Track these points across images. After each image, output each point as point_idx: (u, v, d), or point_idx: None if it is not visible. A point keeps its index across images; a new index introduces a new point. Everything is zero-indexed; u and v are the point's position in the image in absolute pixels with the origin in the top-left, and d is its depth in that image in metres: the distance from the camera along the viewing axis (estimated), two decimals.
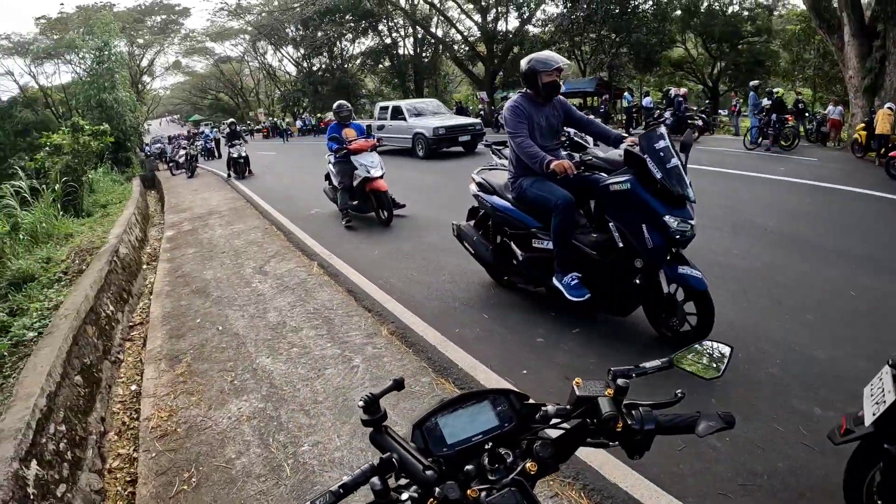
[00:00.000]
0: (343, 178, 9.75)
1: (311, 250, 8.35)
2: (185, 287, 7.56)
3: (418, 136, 19.41)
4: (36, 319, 6.10)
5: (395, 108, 21.54)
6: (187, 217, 13.09)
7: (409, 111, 20.79)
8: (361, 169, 9.35)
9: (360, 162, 9.38)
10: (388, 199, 9.33)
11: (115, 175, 21.33)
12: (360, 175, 9.40)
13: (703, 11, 34.91)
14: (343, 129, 9.98)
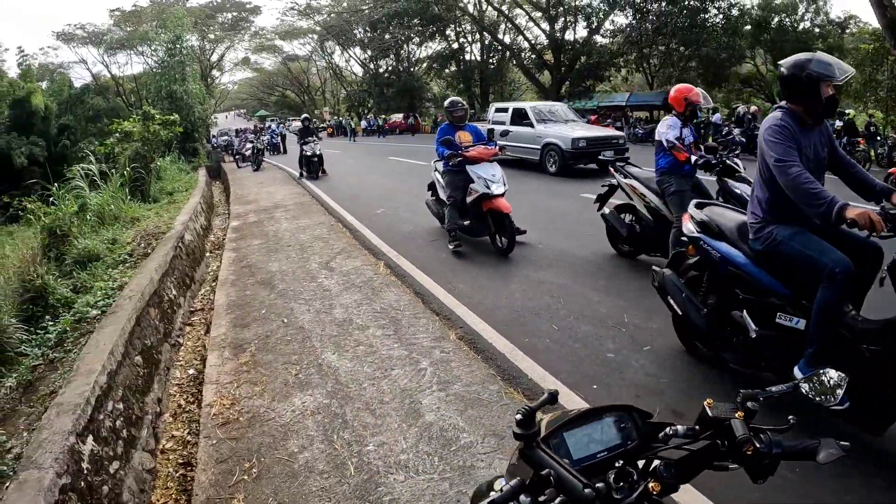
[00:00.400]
0: (454, 192, 8.17)
1: (378, 249, 8.35)
2: (251, 277, 7.62)
3: (550, 148, 15.90)
4: (100, 298, 6.20)
5: (517, 112, 17.93)
6: (253, 209, 13.27)
7: (536, 115, 17.20)
8: (479, 183, 7.73)
9: (477, 174, 7.76)
10: (510, 224, 7.57)
11: (182, 164, 21.73)
12: (476, 190, 7.78)
13: (773, 27, 33.85)
14: (457, 131, 8.37)
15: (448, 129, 8.39)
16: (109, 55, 48.34)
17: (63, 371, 4.77)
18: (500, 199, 7.57)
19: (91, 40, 47.44)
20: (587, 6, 36.97)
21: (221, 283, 7.61)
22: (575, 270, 6.89)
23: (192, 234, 9.95)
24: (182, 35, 26.58)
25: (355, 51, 59.64)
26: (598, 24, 36.93)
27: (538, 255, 7.59)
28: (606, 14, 36.28)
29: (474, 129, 8.53)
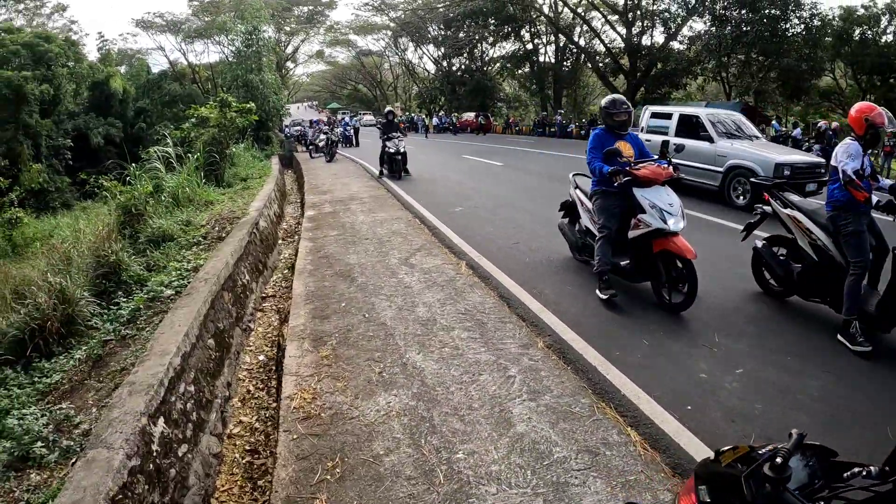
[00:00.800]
0: (608, 221, 6.23)
1: (459, 248, 8.24)
2: (329, 269, 7.62)
3: (738, 173, 11.48)
4: (174, 278, 6.36)
5: (686, 120, 12.97)
6: (328, 199, 13.36)
7: (715, 127, 12.43)
8: (652, 214, 5.77)
9: (650, 201, 5.82)
10: (692, 273, 5.62)
11: (255, 152, 22.15)
12: (647, 223, 5.81)
13: (855, 39, 32.34)
14: (616, 140, 6.36)
15: (606, 136, 6.42)
16: (187, 43, 49.83)
17: (135, 349, 4.83)
18: (678, 237, 5.74)
19: (169, 28, 48.87)
20: (665, 11, 36.18)
21: (299, 272, 7.62)
22: None
23: (265, 220, 10.08)
24: (259, 26, 27.19)
25: (428, 48, 59.88)
26: (675, 29, 36.03)
27: None
28: (684, 20, 35.37)
29: (635, 139, 6.58)
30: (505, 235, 9.03)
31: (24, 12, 43.80)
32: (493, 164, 19.42)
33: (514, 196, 12.54)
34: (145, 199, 9.32)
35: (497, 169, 18.03)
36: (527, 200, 11.95)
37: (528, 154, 23.72)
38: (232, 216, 9.70)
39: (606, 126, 6.54)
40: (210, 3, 47.40)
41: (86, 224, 10.38)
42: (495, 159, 20.82)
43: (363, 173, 18.59)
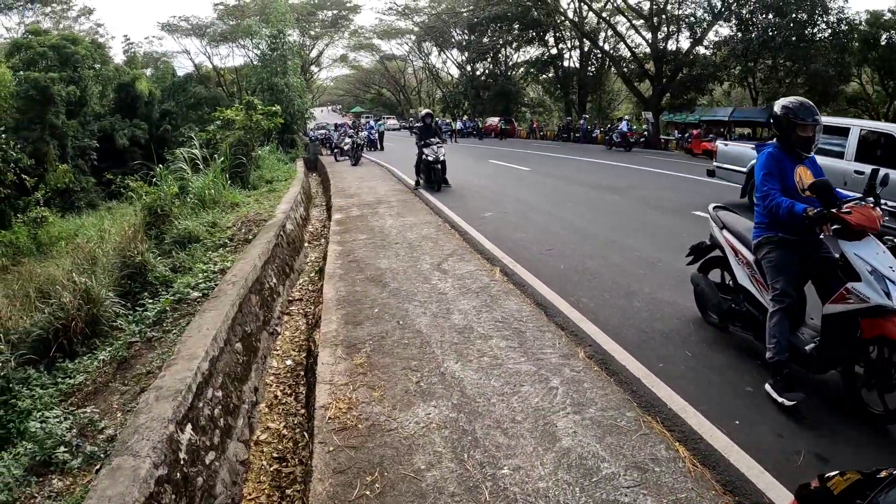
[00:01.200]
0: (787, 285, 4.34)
1: (491, 254, 8.11)
2: (359, 273, 7.54)
3: None
4: (201, 280, 6.38)
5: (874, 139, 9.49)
6: (355, 203, 13.30)
7: None
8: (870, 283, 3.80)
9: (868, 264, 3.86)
10: None
11: (280, 154, 22.32)
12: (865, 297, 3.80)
13: (882, 44, 31.68)
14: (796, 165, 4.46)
15: (782, 158, 4.45)
16: (212, 47, 50.39)
17: (161, 352, 4.82)
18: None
19: (194, 32, 49.44)
20: (690, 15, 35.73)
21: (329, 276, 7.54)
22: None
23: (292, 223, 10.05)
24: (284, 30, 27.50)
25: (452, 53, 60.07)
26: (700, 34, 35.57)
27: (658, 272, 7.19)
28: (710, 25, 34.89)
29: (815, 164, 4.63)
30: (537, 241, 8.87)
31: (51, 15, 44.64)
32: (520, 170, 19.28)
33: (543, 201, 12.39)
34: (171, 201, 9.41)
35: (524, 174, 17.90)
36: (556, 206, 11.81)
37: (553, 159, 23.54)
38: (258, 218, 9.70)
39: (785, 144, 4.51)
40: (235, 6, 47.82)
41: (111, 224, 10.52)
42: (522, 164, 20.71)
43: (389, 177, 18.54)
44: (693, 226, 9.72)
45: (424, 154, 14.72)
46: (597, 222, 10.16)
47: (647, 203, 12.09)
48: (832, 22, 30.84)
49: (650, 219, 10.43)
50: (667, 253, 7.95)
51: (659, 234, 9.13)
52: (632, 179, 16.28)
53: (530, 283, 6.75)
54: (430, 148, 14.62)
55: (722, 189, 13.88)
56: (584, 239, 8.90)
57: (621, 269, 7.30)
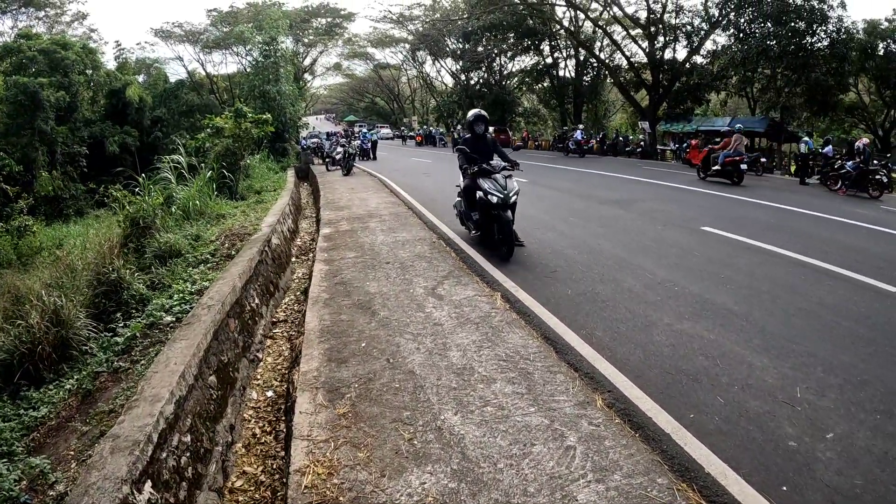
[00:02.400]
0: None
1: (491, 277, 7.42)
2: (346, 298, 6.88)
3: None
4: (176, 302, 5.89)
5: None
6: (345, 216, 12.66)
7: None
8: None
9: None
10: None
11: (271, 163, 22.11)
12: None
13: (879, 54, 31.24)
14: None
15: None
16: (205, 53, 50.00)
17: (127, 385, 4.42)
18: None
19: (188, 38, 49.13)
20: (688, 24, 35.30)
21: (313, 301, 6.88)
22: (722, 322, 5.82)
23: (278, 237, 9.56)
24: (277, 37, 27.09)
25: (446, 61, 59.58)
26: (698, 43, 35.13)
27: (676, 298, 6.54)
28: (707, 34, 34.46)
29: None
30: (541, 262, 8.21)
31: (45, 19, 44.31)
32: (518, 181, 18.35)
33: (544, 216, 11.76)
34: (154, 212, 8.95)
35: (522, 187, 17.00)
36: (558, 221, 11.20)
37: (550, 170, 22.98)
38: (243, 232, 9.17)
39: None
40: (228, 13, 47.34)
41: (95, 234, 10.10)
42: (518, 175, 19.85)
43: (381, 188, 17.85)
44: (704, 243, 9.16)
45: (483, 191, 8.34)
46: (603, 239, 9.51)
47: (652, 218, 11.46)
48: (830, 31, 30.45)
49: (658, 235, 9.80)
50: (681, 274, 7.34)
51: (670, 253, 8.51)
52: (633, 192, 15.66)
53: (536, 312, 6.06)
54: (492, 181, 8.45)
55: (723, 201, 13.32)
56: (592, 258, 8.24)
57: (635, 295, 6.64)
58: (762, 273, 7.53)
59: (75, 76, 30.76)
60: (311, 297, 7.04)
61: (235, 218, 10.39)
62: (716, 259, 8.18)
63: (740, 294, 6.66)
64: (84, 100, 32.04)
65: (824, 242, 9.41)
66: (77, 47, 32.99)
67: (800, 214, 12.38)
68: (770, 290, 6.83)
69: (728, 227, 10.38)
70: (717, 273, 7.48)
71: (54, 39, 33.37)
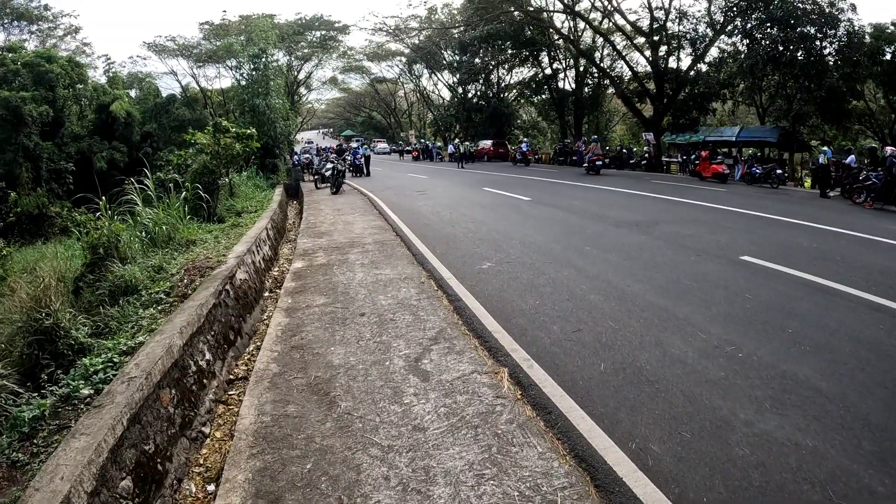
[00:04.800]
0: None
1: (495, 340, 5.65)
2: (300, 373, 5.23)
3: None
4: (100, 366, 4.68)
5: None
6: (323, 245, 11.03)
7: None
8: None
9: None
10: None
11: (259, 180, 21.04)
12: None
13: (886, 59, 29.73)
14: None
15: None
16: (198, 67, 48.76)
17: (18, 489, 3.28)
18: None
19: (181, 52, 47.75)
20: (692, 30, 33.85)
21: (257, 378, 5.25)
22: (816, 414, 4.14)
23: (247, 270, 7.99)
24: (267, 49, 26.02)
25: (443, 74, 58.39)
26: (703, 50, 33.65)
27: (746, 374, 4.82)
28: (713, 40, 33.00)
29: None
30: (558, 314, 6.41)
31: (38, 33, 43.47)
32: (520, 199, 16.76)
33: (554, 244, 10.03)
34: (115, 239, 8.00)
35: (525, 206, 15.39)
36: (572, 251, 9.44)
37: (554, 186, 21.26)
38: (206, 265, 7.56)
39: None
40: (219, 26, 46.06)
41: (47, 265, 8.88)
42: (520, 192, 18.21)
43: (370, 209, 16.18)
44: (751, 279, 7.50)
45: None
46: (631, 278, 7.75)
47: (681, 245, 9.74)
48: (841, 35, 29.01)
49: (695, 270, 8.08)
50: (739, 331, 5.67)
51: (717, 298, 6.78)
52: (650, 211, 13.99)
53: (559, 407, 4.29)
54: None
55: (751, 221, 11.63)
56: (623, 308, 6.48)
57: (691, 370, 4.88)
58: (834, 323, 5.87)
59: (61, 90, 30.31)
60: (255, 372, 5.39)
61: (206, 245, 8.98)
62: (773, 304, 6.49)
63: (822, 361, 4.97)
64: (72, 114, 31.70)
65: (885, 275, 7.78)
66: (62, 61, 32.52)
67: (840, 236, 10.74)
68: (854, 351, 5.17)
69: (770, 255, 8.73)
70: (781, 326, 5.79)
71: (38, 53, 32.88)
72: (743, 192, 19.85)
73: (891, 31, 29.98)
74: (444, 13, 53.04)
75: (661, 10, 34.63)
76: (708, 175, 25.40)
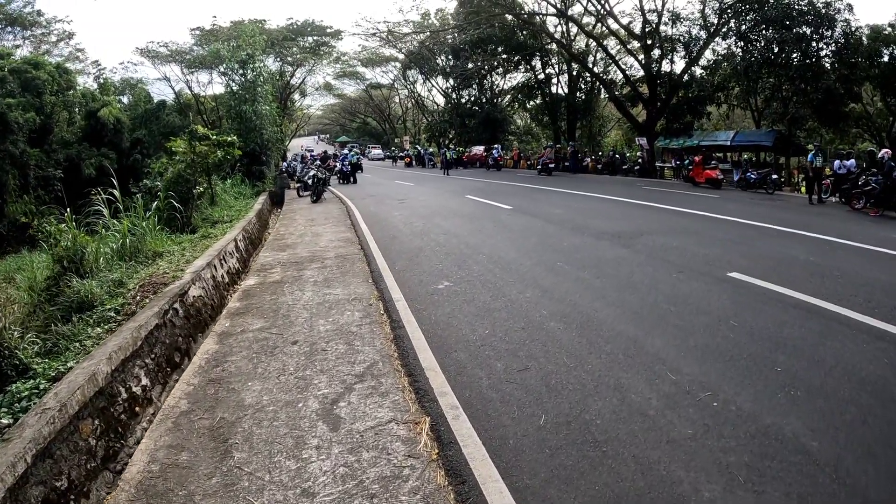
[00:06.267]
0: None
1: (426, 381, 4.78)
2: (208, 414, 4.51)
3: None
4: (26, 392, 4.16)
5: None
6: (284, 259, 10.31)
7: None
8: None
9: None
10: None
11: (244, 188, 20.60)
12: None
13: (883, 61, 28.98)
14: None
15: None
16: (190, 73, 48.11)
17: None
18: None
19: (174, 58, 47.11)
20: (685, 33, 33.16)
21: (163, 416, 4.59)
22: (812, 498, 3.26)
23: (203, 286, 7.50)
24: (254, 54, 25.37)
25: (438, 80, 57.73)
26: (697, 53, 32.92)
27: (717, 428, 3.98)
28: (706, 43, 32.29)
29: None
30: (507, 347, 5.53)
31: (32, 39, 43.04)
32: (501, 208, 15.90)
33: (524, 259, 9.21)
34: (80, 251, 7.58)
35: (504, 215, 14.58)
36: (541, 267, 8.59)
37: (541, 193, 20.46)
38: (161, 280, 6.93)
39: None
40: (209, 32, 45.41)
41: None
42: (503, 200, 17.37)
43: (344, 220, 15.42)
44: (738, 301, 6.69)
45: None
46: (602, 301, 6.89)
47: (664, 260, 8.91)
48: (838, 36, 28.30)
49: (676, 290, 7.23)
50: (718, 369, 4.82)
51: (696, 325, 5.92)
52: (636, 220, 13.17)
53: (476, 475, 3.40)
54: None
55: (744, 230, 10.78)
56: (584, 338, 5.60)
57: (652, 426, 3.97)
58: (831, 357, 4.99)
59: (48, 97, 29.81)
60: (163, 409, 4.68)
61: (172, 257, 8.47)
62: (762, 333, 5.61)
63: (814, 410, 4.11)
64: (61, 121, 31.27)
65: (889, 294, 6.92)
66: (50, 67, 32.04)
67: (839, 247, 9.87)
68: (854, 396, 4.31)
69: (762, 271, 7.89)
70: (769, 363, 4.91)
71: (26, 58, 32.54)
72: (737, 198, 19.01)
73: (888, 33, 29.32)
74: (438, 18, 52.46)
75: (654, 12, 33.99)
76: (701, 181, 24.73)
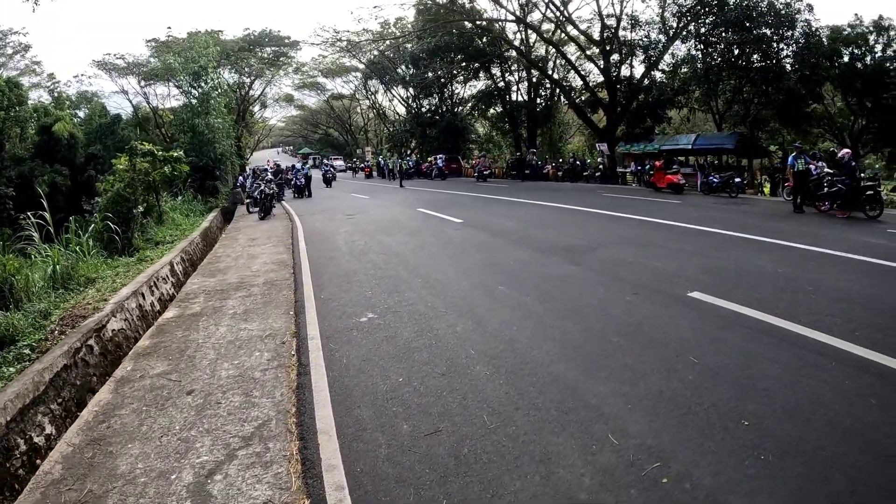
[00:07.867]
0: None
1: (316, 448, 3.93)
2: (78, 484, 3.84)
3: None
4: None
5: None
6: (210, 287, 9.43)
7: None
8: None
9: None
10: None
11: (196, 205, 19.80)
12: None
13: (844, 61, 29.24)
14: None
15: None
16: (148, 86, 46.92)
17: None
18: None
19: (131, 71, 45.98)
20: (644, 37, 33.00)
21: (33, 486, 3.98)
22: None
23: (126, 318, 6.91)
24: (207, 65, 24.49)
25: (399, 90, 57.29)
26: (657, 57, 32.73)
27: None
28: (666, 47, 32.14)
29: None
30: (419, 402, 4.61)
31: None
32: (451, 222, 15.06)
33: (464, 283, 8.35)
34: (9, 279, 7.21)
35: (452, 229, 13.75)
36: (481, 294, 7.72)
37: (496, 204, 19.76)
38: (82, 313, 6.36)
39: None
40: (164, 43, 44.21)
41: None
42: (455, 213, 16.55)
43: (286, 237, 14.52)
44: (699, 329, 5.92)
45: None
46: (541, 332, 6.06)
47: (617, 278, 8.13)
48: (798, 37, 28.22)
49: (629, 316, 6.42)
50: (672, 426, 4.00)
51: (651, 362, 5.09)
52: (591, 231, 12.47)
53: None
54: None
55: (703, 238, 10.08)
56: (514, 388, 4.68)
57: None
58: (809, 401, 4.19)
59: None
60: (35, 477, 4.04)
61: (102, 284, 7.96)
62: (726, 372, 4.76)
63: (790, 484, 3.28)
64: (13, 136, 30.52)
65: (868, 309, 6.23)
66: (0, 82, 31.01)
67: (809, 256, 9.22)
68: (838, 455, 3.50)
69: (725, 288, 7.17)
70: (734, 413, 4.09)
71: None
72: (699, 203, 18.51)
73: (848, 33, 29.46)
74: (398, 28, 51.89)
75: (612, 17, 33.82)
76: (663, 186, 24.32)
